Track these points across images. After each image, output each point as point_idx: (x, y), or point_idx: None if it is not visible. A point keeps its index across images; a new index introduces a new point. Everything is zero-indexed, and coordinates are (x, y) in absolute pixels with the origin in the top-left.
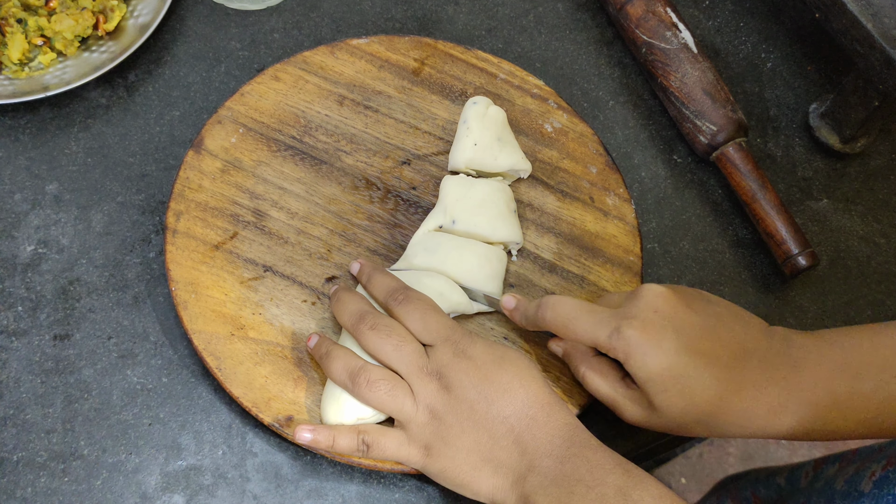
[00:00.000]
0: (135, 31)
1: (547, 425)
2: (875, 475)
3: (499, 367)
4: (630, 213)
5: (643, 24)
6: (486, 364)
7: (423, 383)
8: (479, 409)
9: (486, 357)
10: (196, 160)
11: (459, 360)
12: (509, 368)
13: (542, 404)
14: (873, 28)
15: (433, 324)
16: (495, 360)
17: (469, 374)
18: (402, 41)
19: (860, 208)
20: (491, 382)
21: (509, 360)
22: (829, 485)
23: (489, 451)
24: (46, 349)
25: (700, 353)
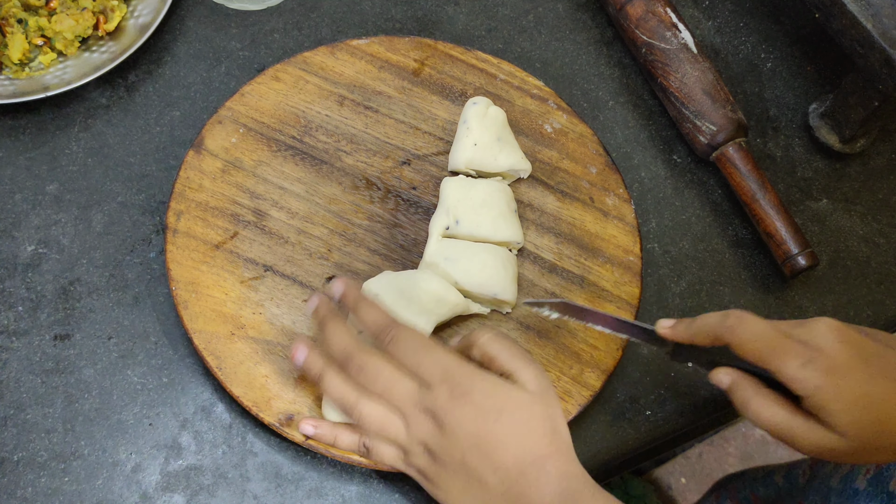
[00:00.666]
0: (135, 31)
1: (539, 482)
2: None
3: (496, 420)
4: (630, 214)
5: (643, 25)
6: (485, 413)
7: (416, 420)
8: (472, 459)
9: (485, 404)
10: (196, 160)
11: (456, 403)
12: (507, 421)
13: (535, 458)
14: (873, 28)
15: (429, 363)
16: (494, 410)
17: (465, 420)
18: (402, 42)
19: (860, 208)
20: (486, 435)
21: (509, 409)
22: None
23: (481, 496)
24: (47, 349)
25: (888, 380)
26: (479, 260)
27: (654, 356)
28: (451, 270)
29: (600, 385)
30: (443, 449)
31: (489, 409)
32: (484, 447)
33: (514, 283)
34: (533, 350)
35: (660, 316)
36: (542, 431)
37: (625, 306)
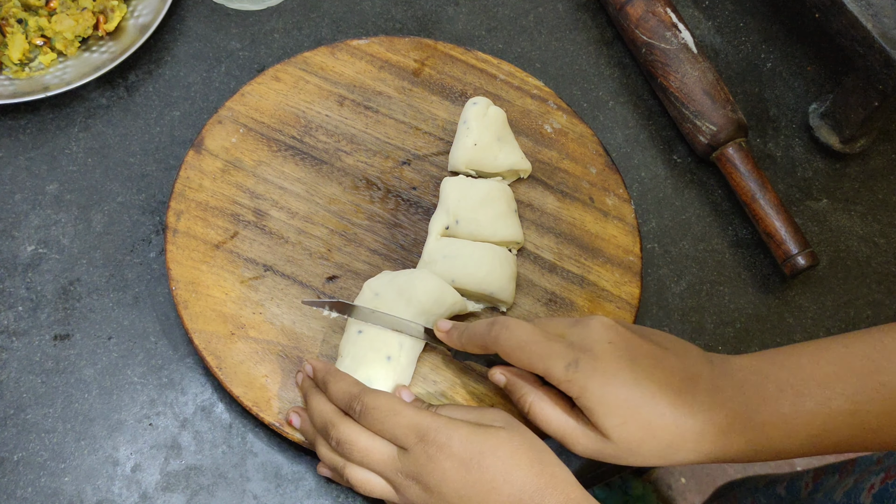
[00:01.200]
0: (135, 31)
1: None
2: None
3: (480, 464)
4: (630, 214)
5: (643, 25)
6: (467, 461)
7: (402, 486)
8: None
9: (465, 452)
10: (196, 160)
11: (436, 461)
12: (491, 462)
13: (532, 493)
14: (873, 28)
15: (400, 428)
16: (476, 455)
17: (448, 476)
18: (402, 42)
19: (860, 208)
20: (474, 483)
21: (490, 450)
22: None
23: None
24: (46, 349)
25: (655, 382)
26: (477, 258)
27: None
28: (449, 268)
29: None
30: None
31: (470, 457)
32: (474, 497)
33: (513, 282)
34: None
35: (660, 316)
36: (529, 464)
37: (625, 306)
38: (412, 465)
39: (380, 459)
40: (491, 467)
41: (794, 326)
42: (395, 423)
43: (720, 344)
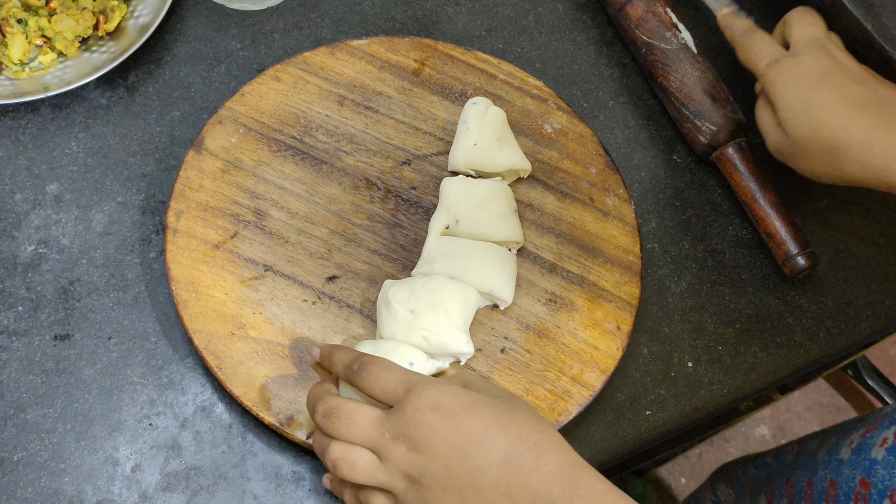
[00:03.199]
0: (135, 31)
1: (537, 472)
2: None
3: (472, 414)
4: (630, 214)
5: (643, 25)
6: (457, 412)
7: (388, 450)
8: (455, 464)
9: (455, 404)
10: (197, 160)
11: (424, 413)
12: (484, 413)
13: (528, 446)
14: (873, 28)
15: (389, 382)
16: (467, 406)
17: (437, 427)
18: (402, 42)
19: (860, 208)
20: (464, 432)
21: (484, 403)
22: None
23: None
24: (46, 349)
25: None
26: (477, 257)
27: (654, 355)
28: (449, 267)
29: (600, 385)
30: (424, 470)
31: (462, 407)
32: (466, 449)
33: (512, 282)
34: (533, 350)
35: (660, 316)
36: (524, 418)
37: (625, 306)
38: (399, 421)
39: (366, 422)
40: (485, 416)
41: (794, 326)
42: (386, 377)
43: (720, 344)
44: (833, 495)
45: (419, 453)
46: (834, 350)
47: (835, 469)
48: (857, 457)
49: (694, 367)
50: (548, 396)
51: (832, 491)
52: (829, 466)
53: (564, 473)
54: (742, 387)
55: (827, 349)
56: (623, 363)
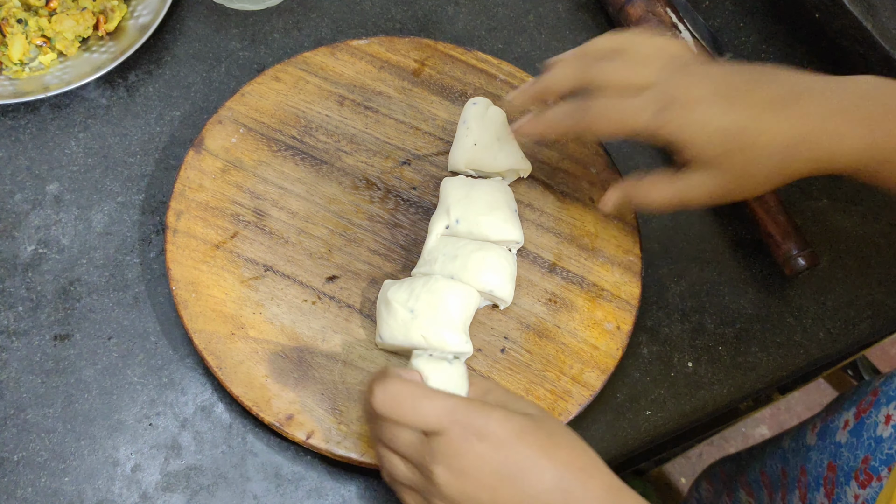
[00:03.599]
0: (135, 31)
1: (585, 496)
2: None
3: (519, 441)
4: (629, 214)
5: (643, 25)
6: (504, 442)
7: (430, 473)
8: (504, 493)
9: (502, 433)
10: (197, 160)
11: (471, 443)
12: (531, 441)
13: (575, 472)
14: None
15: (431, 411)
16: (514, 434)
17: (485, 457)
18: (402, 42)
19: (860, 208)
20: (513, 461)
21: (529, 430)
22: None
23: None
24: (46, 349)
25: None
26: (477, 257)
27: (654, 355)
28: (449, 267)
29: (600, 385)
30: (466, 495)
31: (508, 436)
32: (514, 477)
33: (512, 282)
34: (533, 349)
35: (660, 316)
36: (570, 445)
37: (625, 306)
38: (443, 448)
39: (406, 441)
40: (531, 444)
41: (794, 326)
42: (421, 405)
43: (720, 344)
44: (805, 482)
45: (465, 480)
46: (834, 350)
47: (804, 456)
48: (823, 441)
49: (694, 367)
50: (548, 396)
51: (804, 478)
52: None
53: (611, 496)
54: (742, 387)
55: (827, 349)
56: (623, 363)
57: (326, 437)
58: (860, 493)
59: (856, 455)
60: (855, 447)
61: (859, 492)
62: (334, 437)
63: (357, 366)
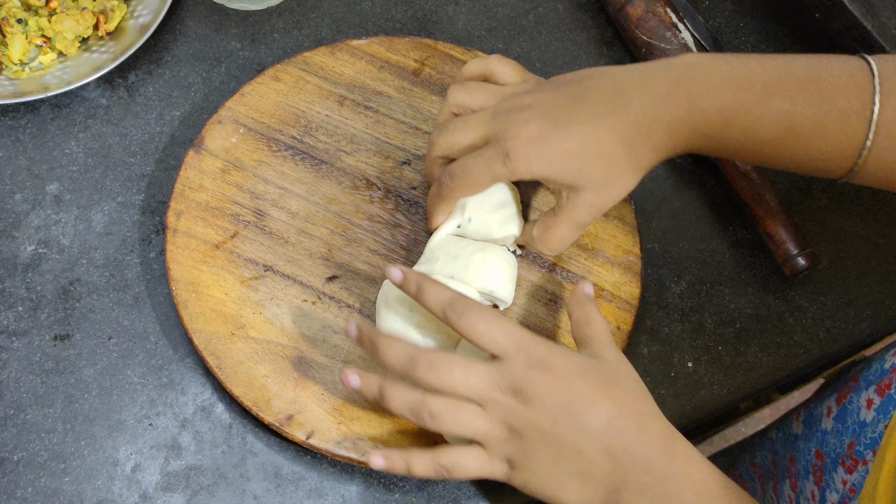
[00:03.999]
0: (135, 31)
1: (641, 436)
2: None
3: (581, 378)
4: (630, 214)
5: (643, 25)
6: (568, 375)
7: (495, 401)
8: (562, 421)
9: (566, 367)
10: (196, 160)
11: (536, 371)
12: (592, 378)
13: (633, 414)
14: (873, 28)
15: (501, 333)
16: (577, 371)
17: (548, 385)
18: (403, 42)
19: (860, 208)
20: (574, 393)
21: (593, 370)
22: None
23: (575, 464)
24: (46, 349)
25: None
26: (479, 258)
27: (654, 355)
28: (451, 267)
29: None
30: (528, 422)
31: (572, 371)
32: (574, 408)
33: (513, 283)
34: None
35: (660, 316)
36: (631, 387)
37: (625, 306)
38: (510, 373)
39: (477, 377)
40: (593, 383)
41: (793, 326)
42: (496, 328)
43: (720, 344)
44: (794, 471)
45: (528, 408)
46: (834, 350)
47: (791, 445)
48: (809, 430)
49: (694, 367)
50: None
51: (793, 467)
52: (787, 443)
53: (664, 441)
54: (742, 387)
55: (827, 349)
56: None
57: (326, 438)
58: (847, 479)
59: (841, 441)
60: (840, 433)
61: (847, 477)
62: (334, 437)
63: (357, 366)
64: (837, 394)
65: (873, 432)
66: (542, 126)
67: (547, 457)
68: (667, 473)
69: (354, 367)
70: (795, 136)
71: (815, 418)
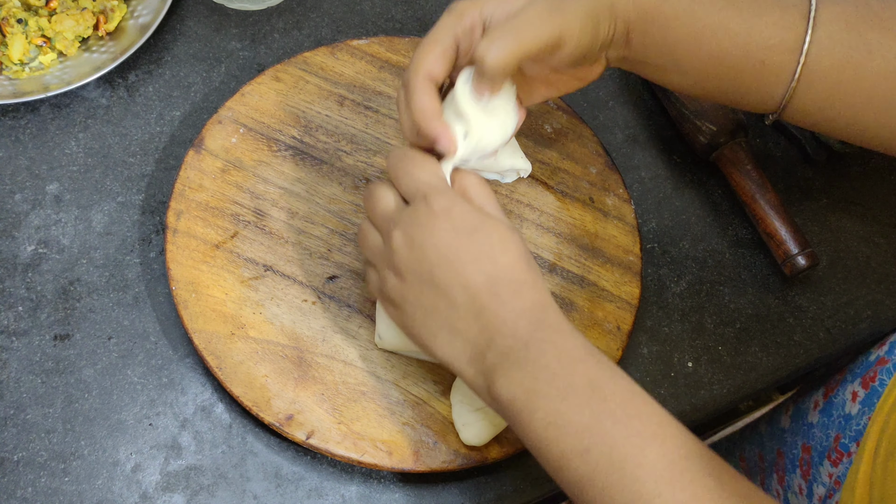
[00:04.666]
0: (135, 31)
1: (512, 303)
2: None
3: (471, 235)
4: (630, 214)
5: None
6: (460, 228)
7: (390, 237)
8: (440, 273)
9: (462, 221)
10: (197, 160)
11: (431, 218)
12: (483, 239)
13: (510, 280)
14: None
15: (412, 177)
16: (471, 228)
17: (437, 234)
18: (403, 42)
19: (860, 208)
20: (459, 249)
21: (486, 230)
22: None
23: (446, 318)
24: (46, 349)
25: None
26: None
27: (654, 355)
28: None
29: None
30: (411, 265)
31: (463, 227)
32: (455, 262)
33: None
34: None
35: (660, 316)
36: (517, 256)
37: (625, 306)
38: (407, 216)
39: (381, 206)
40: (481, 242)
41: (794, 326)
42: (412, 170)
43: (720, 344)
44: (782, 465)
45: (413, 249)
46: (834, 350)
47: (779, 439)
48: (797, 423)
49: (694, 367)
50: None
51: (780, 461)
52: (774, 438)
53: (536, 310)
54: (742, 387)
55: (827, 349)
56: (623, 363)
57: (326, 438)
58: (833, 472)
59: (827, 434)
60: (826, 426)
61: (832, 470)
62: (334, 437)
63: (357, 366)
64: (825, 387)
65: (857, 425)
66: None
67: (422, 304)
68: (531, 340)
69: None
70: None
71: (802, 412)
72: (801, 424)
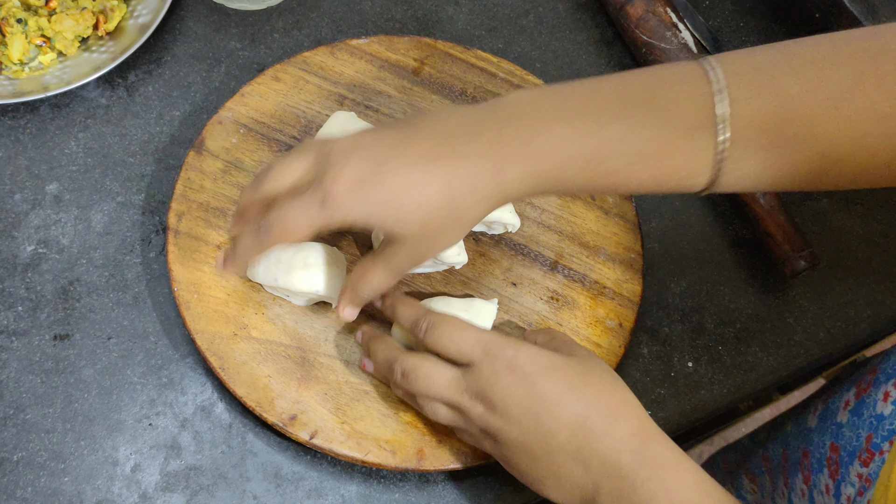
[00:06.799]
0: (135, 31)
1: (608, 437)
2: (818, 409)
3: (546, 378)
4: (631, 212)
5: (643, 24)
6: (533, 375)
7: (468, 407)
8: (528, 426)
9: (531, 367)
10: (197, 161)
11: (500, 376)
12: (559, 378)
13: (601, 412)
14: None
15: (465, 342)
16: (542, 370)
17: (512, 389)
18: (402, 41)
19: (860, 208)
20: (537, 396)
21: (560, 367)
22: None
23: (548, 467)
24: (46, 349)
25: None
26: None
27: (654, 355)
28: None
29: None
30: (499, 429)
31: (537, 370)
32: (538, 409)
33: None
34: None
35: (660, 316)
36: (601, 383)
37: (627, 303)
38: (476, 381)
39: (444, 382)
40: (559, 380)
41: (793, 326)
42: (461, 337)
43: (720, 344)
44: (807, 464)
45: (495, 414)
46: (834, 350)
47: (805, 438)
48: (824, 423)
49: (694, 367)
50: None
51: (805, 460)
52: (800, 437)
53: (635, 441)
54: (742, 387)
55: (827, 349)
56: (623, 363)
57: (330, 437)
58: (863, 472)
59: (858, 434)
60: (856, 426)
61: (862, 470)
62: (338, 436)
63: (359, 365)
64: (855, 387)
65: (891, 424)
66: (363, 168)
67: (522, 460)
68: (638, 479)
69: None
70: (644, 159)
71: (831, 412)
72: (830, 424)
